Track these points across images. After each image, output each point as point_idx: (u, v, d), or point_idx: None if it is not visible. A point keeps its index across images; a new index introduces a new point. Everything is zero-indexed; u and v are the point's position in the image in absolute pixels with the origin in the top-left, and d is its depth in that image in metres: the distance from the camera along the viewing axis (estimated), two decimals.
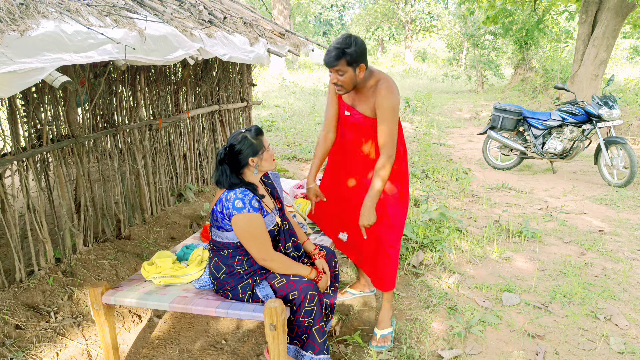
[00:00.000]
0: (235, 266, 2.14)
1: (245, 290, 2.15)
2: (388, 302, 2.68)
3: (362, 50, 2.26)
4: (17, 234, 2.79)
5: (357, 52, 2.23)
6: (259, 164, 2.15)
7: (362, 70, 2.29)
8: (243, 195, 2.04)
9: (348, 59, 2.22)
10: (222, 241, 2.14)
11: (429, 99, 12.37)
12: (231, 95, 5.44)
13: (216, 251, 2.19)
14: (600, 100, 5.83)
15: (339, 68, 2.25)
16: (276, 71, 19.48)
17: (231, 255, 2.14)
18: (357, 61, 2.25)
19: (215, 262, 2.19)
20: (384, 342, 2.58)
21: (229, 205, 2.03)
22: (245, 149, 2.10)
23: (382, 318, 2.67)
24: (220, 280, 2.18)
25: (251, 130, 2.15)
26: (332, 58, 2.23)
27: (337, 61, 2.23)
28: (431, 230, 3.99)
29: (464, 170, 6.26)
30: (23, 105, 3.05)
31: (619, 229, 4.36)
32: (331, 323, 2.62)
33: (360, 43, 2.25)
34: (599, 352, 2.56)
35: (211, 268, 2.22)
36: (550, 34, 14.27)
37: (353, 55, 2.22)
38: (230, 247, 2.13)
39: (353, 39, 2.23)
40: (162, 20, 2.93)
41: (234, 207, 2.02)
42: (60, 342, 2.50)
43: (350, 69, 2.26)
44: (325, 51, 2.28)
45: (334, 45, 2.23)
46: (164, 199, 4.29)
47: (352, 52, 2.21)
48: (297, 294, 2.08)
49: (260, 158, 2.14)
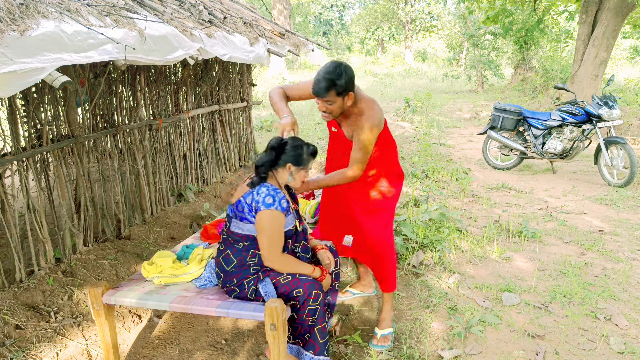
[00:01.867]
0: (248, 259, 2.15)
1: (249, 286, 2.15)
2: (389, 302, 2.69)
3: (351, 79, 2.26)
4: (17, 234, 2.79)
5: (347, 83, 2.23)
6: (293, 174, 2.19)
7: (350, 98, 2.30)
8: (275, 192, 2.07)
9: (338, 90, 2.22)
10: (242, 233, 2.14)
11: (429, 99, 12.37)
12: (231, 95, 5.45)
13: (230, 243, 2.19)
14: (600, 100, 5.83)
15: (329, 99, 2.25)
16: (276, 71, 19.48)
17: (246, 248, 2.15)
18: (346, 90, 2.25)
19: (226, 254, 2.19)
20: (384, 342, 2.59)
21: (260, 199, 2.05)
22: (293, 154, 2.15)
23: (383, 318, 2.67)
24: (229, 274, 2.17)
25: (310, 147, 2.21)
26: (322, 89, 2.22)
27: (327, 92, 2.22)
28: (431, 230, 3.99)
29: (464, 170, 6.26)
30: (23, 105, 3.05)
31: (619, 229, 4.36)
32: (331, 323, 2.62)
33: (349, 73, 2.24)
34: (599, 352, 2.56)
35: (220, 261, 2.21)
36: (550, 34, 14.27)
37: (342, 86, 2.22)
38: (248, 239, 2.14)
39: (343, 69, 2.21)
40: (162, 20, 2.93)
41: (264, 202, 2.04)
42: (60, 342, 2.50)
43: (339, 99, 2.27)
44: (315, 78, 2.26)
45: (324, 76, 2.21)
46: (164, 199, 4.29)
47: (342, 83, 2.21)
48: (302, 292, 2.09)
49: (296, 170, 2.19)
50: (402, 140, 8.54)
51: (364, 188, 2.58)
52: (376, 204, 2.58)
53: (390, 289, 2.65)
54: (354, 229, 2.65)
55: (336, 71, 2.20)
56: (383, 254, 2.59)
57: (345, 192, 2.63)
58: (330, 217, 2.80)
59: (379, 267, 2.63)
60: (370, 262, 2.68)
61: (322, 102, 2.28)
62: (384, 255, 2.60)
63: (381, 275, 2.63)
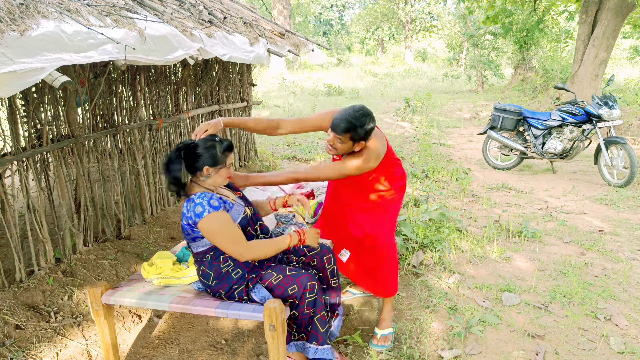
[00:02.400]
0: (222, 266, 2.13)
1: (240, 297, 2.15)
2: (389, 303, 2.69)
3: (370, 132, 2.30)
4: (17, 234, 2.79)
5: (365, 134, 2.28)
6: (213, 176, 2.12)
7: (360, 146, 2.34)
8: (200, 199, 2.02)
9: (354, 137, 2.27)
10: (202, 249, 2.12)
11: (429, 99, 12.37)
12: (231, 95, 5.45)
13: (200, 260, 2.17)
14: (600, 100, 5.83)
15: (342, 138, 2.29)
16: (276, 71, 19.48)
17: (214, 257, 2.13)
18: (360, 139, 2.30)
19: (202, 271, 2.18)
20: (384, 342, 2.59)
21: (191, 214, 2.02)
22: (206, 156, 2.07)
23: (383, 318, 2.68)
24: (213, 287, 2.17)
25: (222, 143, 2.13)
26: (340, 128, 2.26)
27: (343, 133, 2.26)
28: (431, 230, 3.99)
29: (464, 170, 6.26)
30: (23, 105, 3.04)
31: (619, 229, 4.36)
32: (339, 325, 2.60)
33: (372, 125, 2.29)
34: (599, 352, 2.56)
35: (201, 279, 2.20)
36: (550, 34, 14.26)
37: (360, 135, 2.27)
38: (211, 250, 2.12)
39: (367, 120, 2.26)
40: (162, 20, 2.93)
41: (195, 214, 2.00)
42: (60, 342, 2.50)
43: (350, 143, 2.31)
44: (339, 114, 2.28)
45: (348, 118, 2.24)
46: (164, 199, 4.29)
47: (361, 132, 2.26)
48: (296, 288, 2.09)
49: (215, 171, 2.11)
50: (402, 140, 8.54)
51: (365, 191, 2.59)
52: (377, 205, 2.58)
53: (391, 293, 2.66)
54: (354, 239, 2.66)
55: (361, 119, 2.25)
56: (385, 257, 2.59)
57: (347, 196, 2.64)
58: (331, 218, 2.80)
59: (380, 273, 2.63)
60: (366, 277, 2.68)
61: (335, 137, 2.31)
62: (386, 258, 2.60)
63: (380, 281, 2.64)
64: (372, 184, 2.55)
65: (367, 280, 2.69)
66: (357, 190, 2.60)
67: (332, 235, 2.81)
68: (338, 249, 2.76)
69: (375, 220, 2.58)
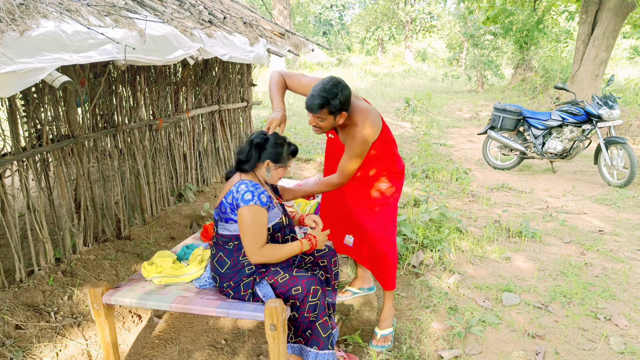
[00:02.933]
0: (240, 259, 2.16)
1: (246, 289, 2.15)
2: (389, 302, 2.69)
3: (347, 99, 2.23)
4: (17, 234, 2.79)
5: (341, 103, 2.21)
6: (270, 171, 2.20)
7: (342, 117, 2.29)
8: (254, 188, 2.08)
9: (331, 110, 2.21)
10: (229, 234, 2.15)
11: (429, 99, 12.37)
12: (231, 95, 5.45)
13: (221, 245, 2.19)
14: (600, 100, 5.83)
15: (320, 116, 2.24)
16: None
17: (237, 247, 2.16)
18: (340, 110, 2.24)
19: (219, 257, 2.19)
20: (384, 342, 2.58)
21: (239, 196, 2.06)
22: (271, 151, 2.16)
23: (384, 318, 2.68)
24: (224, 276, 2.18)
25: (291, 146, 2.23)
26: (315, 106, 2.20)
27: (320, 110, 2.21)
28: (431, 230, 3.99)
29: (464, 170, 6.26)
30: (23, 105, 3.04)
31: (619, 229, 4.36)
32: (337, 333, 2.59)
33: (345, 93, 2.21)
34: (599, 352, 2.56)
35: (214, 264, 2.21)
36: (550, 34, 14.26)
37: (337, 106, 2.20)
38: (237, 239, 2.15)
39: (340, 89, 2.19)
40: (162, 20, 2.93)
41: (243, 198, 2.05)
42: (60, 342, 2.50)
43: (330, 117, 2.25)
44: (310, 93, 2.23)
45: (320, 93, 2.18)
46: (164, 199, 4.29)
47: (336, 103, 2.19)
48: (300, 289, 2.09)
49: (274, 167, 2.20)
50: (402, 140, 8.54)
51: (364, 186, 2.58)
52: (377, 201, 2.57)
53: (390, 287, 2.65)
54: (355, 228, 2.65)
55: (332, 90, 2.18)
56: (385, 251, 2.58)
57: (345, 190, 2.63)
58: (331, 216, 2.80)
59: (380, 265, 2.62)
60: (370, 262, 2.68)
61: (314, 117, 2.27)
62: (386, 252, 2.58)
63: (382, 273, 2.63)
64: (372, 179, 2.54)
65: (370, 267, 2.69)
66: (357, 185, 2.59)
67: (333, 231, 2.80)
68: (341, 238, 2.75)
69: (375, 215, 2.57)
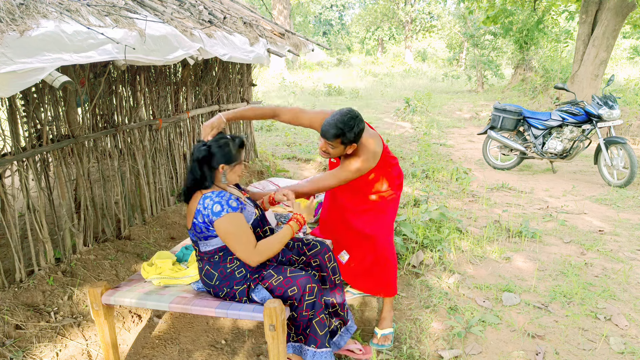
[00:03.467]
0: (228, 266, 2.14)
1: (241, 297, 2.15)
2: (389, 303, 2.70)
3: (360, 133, 2.30)
4: (17, 234, 2.79)
5: (355, 136, 2.28)
6: (226, 173, 2.13)
7: (352, 148, 2.35)
8: (219, 197, 2.02)
9: (344, 141, 2.28)
10: (212, 248, 2.12)
11: (429, 99, 12.37)
12: (231, 95, 5.45)
13: (206, 260, 2.17)
14: (600, 100, 5.83)
15: (332, 144, 2.31)
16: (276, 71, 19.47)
17: (222, 258, 2.13)
18: (351, 142, 2.31)
19: (206, 270, 2.17)
20: (384, 342, 2.59)
21: (208, 212, 2.01)
22: (220, 155, 2.09)
23: (383, 317, 2.68)
24: (216, 286, 2.17)
25: (235, 140, 2.15)
26: (330, 135, 2.27)
27: (334, 139, 2.28)
28: (431, 230, 3.99)
29: (464, 170, 6.26)
30: (23, 105, 3.04)
31: (619, 229, 4.36)
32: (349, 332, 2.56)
33: (361, 126, 2.29)
34: (599, 352, 2.56)
35: (203, 278, 2.20)
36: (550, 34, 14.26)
37: (350, 139, 2.27)
38: (220, 250, 2.12)
39: (356, 122, 2.26)
40: (162, 20, 2.93)
41: (213, 212, 2.00)
42: (60, 342, 2.50)
43: (342, 146, 2.32)
44: (327, 120, 2.29)
45: (336, 124, 2.25)
46: (164, 199, 4.29)
47: (350, 136, 2.26)
48: (296, 290, 2.09)
49: (230, 168, 2.14)
50: (402, 140, 8.54)
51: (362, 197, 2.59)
52: (376, 206, 2.58)
53: (390, 294, 2.66)
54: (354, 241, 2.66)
55: (349, 123, 2.25)
56: (383, 258, 2.60)
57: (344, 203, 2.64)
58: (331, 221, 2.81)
59: (381, 273, 2.63)
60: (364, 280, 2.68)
61: (326, 143, 2.33)
62: (384, 259, 2.60)
63: (383, 281, 2.64)
64: (370, 185, 2.56)
65: (367, 281, 2.69)
66: (356, 192, 2.60)
67: (332, 237, 2.81)
68: (337, 251, 2.76)
69: (374, 221, 2.58)
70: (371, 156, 2.40)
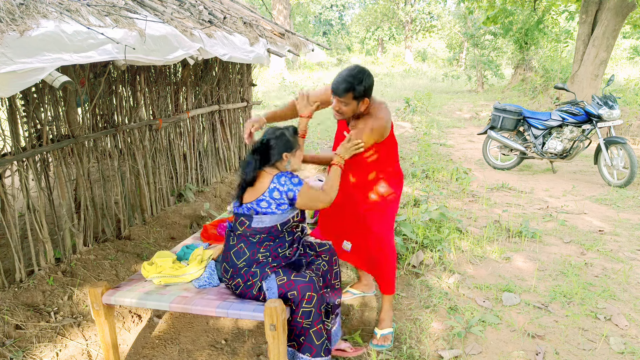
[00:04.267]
0: (260, 251, 2.17)
1: (255, 280, 2.15)
2: (388, 303, 2.69)
3: (371, 86, 2.32)
4: (17, 234, 2.79)
5: (366, 89, 2.30)
6: (292, 160, 2.25)
7: (365, 103, 2.36)
8: (291, 175, 2.18)
9: (355, 95, 2.29)
10: (263, 227, 2.17)
11: (429, 99, 12.37)
12: (231, 95, 5.45)
13: (246, 237, 2.19)
14: (600, 100, 5.83)
15: (345, 100, 2.31)
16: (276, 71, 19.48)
17: (261, 240, 2.18)
18: (363, 97, 2.32)
19: (239, 247, 2.19)
20: (384, 342, 2.59)
21: (288, 185, 2.15)
22: (280, 145, 2.20)
23: (383, 318, 2.68)
24: (238, 268, 2.17)
25: (288, 129, 2.27)
26: (340, 90, 2.29)
27: (345, 94, 2.29)
28: (431, 230, 3.99)
29: (464, 170, 6.26)
30: (23, 105, 3.05)
31: (619, 229, 4.36)
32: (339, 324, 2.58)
33: (370, 80, 2.32)
34: (599, 352, 2.56)
35: (230, 255, 2.20)
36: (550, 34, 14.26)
37: (361, 92, 2.29)
38: (265, 232, 2.17)
39: (365, 75, 2.29)
40: (162, 20, 2.93)
41: (293, 184, 2.15)
42: (60, 342, 2.50)
43: (354, 102, 2.33)
44: (336, 78, 2.33)
45: (346, 78, 2.28)
46: (164, 199, 4.29)
47: (360, 89, 2.28)
48: (295, 294, 2.08)
49: (293, 155, 2.25)
50: (402, 140, 8.54)
51: (365, 190, 2.59)
52: (377, 205, 2.58)
53: (389, 291, 2.66)
54: (354, 231, 2.66)
55: (358, 76, 2.27)
56: (383, 256, 2.60)
57: (345, 196, 2.64)
58: (331, 218, 2.80)
59: (379, 269, 2.64)
60: (369, 266, 2.69)
61: (338, 102, 2.34)
62: (384, 257, 2.61)
63: (381, 277, 2.65)
64: (372, 183, 2.56)
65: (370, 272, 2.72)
66: (358, 190, 2.60)
67: (333, 234, 2.81)
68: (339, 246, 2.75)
69: (375, 220, 2.58)
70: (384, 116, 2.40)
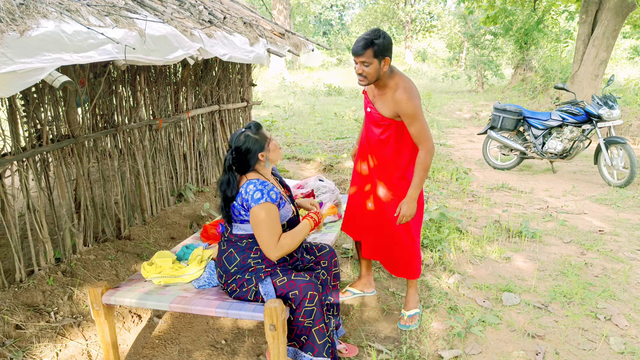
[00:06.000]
0: (250, 255, 2.16)
1: (250, 285, 2.15)
2: (413, 286, 2.82)
3: (389, 43, 2.36)
4: (17, 234, 2.79)
5: (385, 45, 2.33)
6: (268, 156, 2.20)
7: (386, 63, 2.39)
8: (262, 186, 2.08)
9: (375, 50, 2.32)
10: (245, 233, 2.16)
11: (429, 99, 12.37)
12: (231, 95, 5.44)
13: (233, 242, 2.19)
14: (600, 100, 5.83)
15: (365, 59, 2.34)
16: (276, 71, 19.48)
17: (249, 245, 2.17)
18: (383, 54, 2.34)
19: (229, 253, 2.19)
20: (411, 322, 2.72)
21: (248, 197, 2.07)
22: (252, 147, 2.14)
23: (408, 300, 2.82)
24: (231, 274, 2.17)
25: (250, 127, 2.20)
26: (360, 47, 2.33)
27: (364, 50, 2.32)
28: (431, 230, 3.99)
29: (464, 170, 6.26)
30: (23, 105, 3.04)
31: (619, 229, 4.36)
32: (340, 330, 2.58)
33: (387, 37, 2.36)
34: (599, 352, 2.56)
35: (222, 260, 2.21)
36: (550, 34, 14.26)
37: (380, 47, 2.32)
38: (250, 237, 2.16)
39: (382, 33, 2.34)
40: (162, 20, 2.93)
41: (253, 199, 2.06)
42: (60, 342, 2.50)
43: (375, 61, 2.35)
44: (355, 41, 2.38)
45: (363, 36, 2.34)
46: (164, 199, 4.29)
47: (380, 43, 2.31)
48: (297, 293, 2.08)
49: (267, 150, 2.20)
50: None
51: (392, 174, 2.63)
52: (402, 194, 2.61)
53: (415, 276, 2.76)
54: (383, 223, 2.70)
55: (375, 33, 2.33)
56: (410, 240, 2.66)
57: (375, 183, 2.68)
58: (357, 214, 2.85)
59: (407, 255, 2.69)
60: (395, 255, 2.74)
61: (360, 63, 2.37)
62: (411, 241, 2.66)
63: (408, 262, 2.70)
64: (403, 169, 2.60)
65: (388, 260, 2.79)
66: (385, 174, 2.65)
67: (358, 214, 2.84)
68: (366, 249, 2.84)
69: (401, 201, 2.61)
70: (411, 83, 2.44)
